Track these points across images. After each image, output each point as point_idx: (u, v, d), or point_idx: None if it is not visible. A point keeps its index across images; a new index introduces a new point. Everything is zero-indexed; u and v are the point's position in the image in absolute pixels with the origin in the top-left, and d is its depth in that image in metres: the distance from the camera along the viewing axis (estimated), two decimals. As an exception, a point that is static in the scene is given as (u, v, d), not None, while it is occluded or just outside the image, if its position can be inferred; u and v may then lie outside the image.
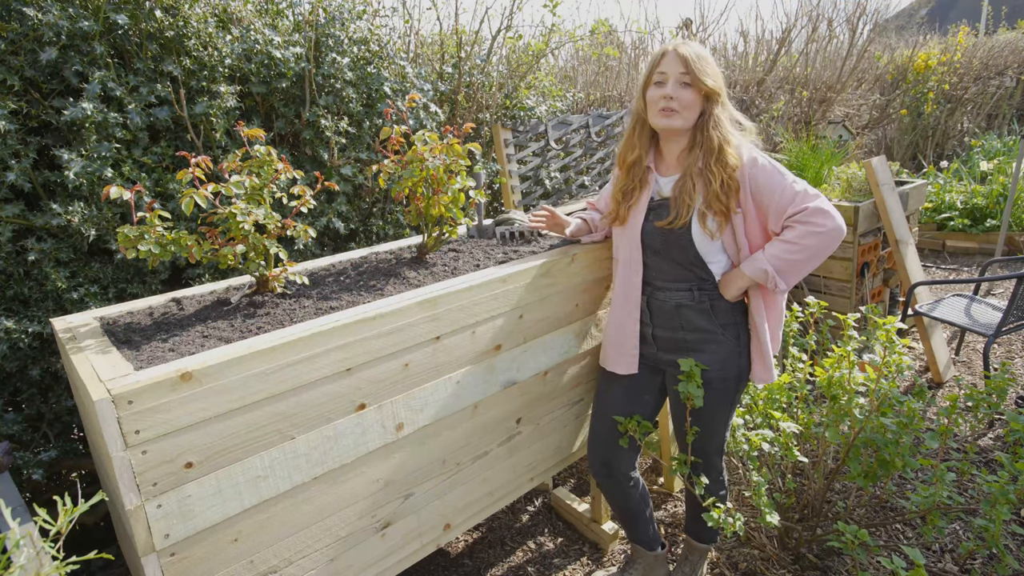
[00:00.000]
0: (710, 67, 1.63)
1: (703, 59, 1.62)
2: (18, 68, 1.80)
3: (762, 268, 1.62)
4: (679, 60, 1.61)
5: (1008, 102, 8.08)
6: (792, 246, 1.58)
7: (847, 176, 3.75)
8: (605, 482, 1.95)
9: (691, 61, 1.60)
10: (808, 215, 1.57)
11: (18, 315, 1.83)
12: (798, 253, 1.58)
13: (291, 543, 1.41)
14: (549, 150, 3.47)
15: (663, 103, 1.63)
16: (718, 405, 1.77)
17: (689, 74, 1.60)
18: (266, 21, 2.45)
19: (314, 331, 1.33)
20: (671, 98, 1.62)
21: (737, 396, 1.80)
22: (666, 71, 1.63)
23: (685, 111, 1.63)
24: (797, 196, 1.58)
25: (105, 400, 1.07)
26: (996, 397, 1.84)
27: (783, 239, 1.61)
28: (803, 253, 1.58)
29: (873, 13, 5.99)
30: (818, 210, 1.56)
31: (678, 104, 1.62)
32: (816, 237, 1.56)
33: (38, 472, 1.83)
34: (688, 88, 1.62)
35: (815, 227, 1.55)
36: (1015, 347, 3.69)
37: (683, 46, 1.63)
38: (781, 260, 1.60)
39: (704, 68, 1.61)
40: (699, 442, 1.83)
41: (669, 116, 1.64)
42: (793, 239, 1.58)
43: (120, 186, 1.36)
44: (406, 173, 1.73)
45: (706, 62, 1.62)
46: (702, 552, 2.06)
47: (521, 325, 1.76)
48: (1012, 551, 2.16)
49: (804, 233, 1.57)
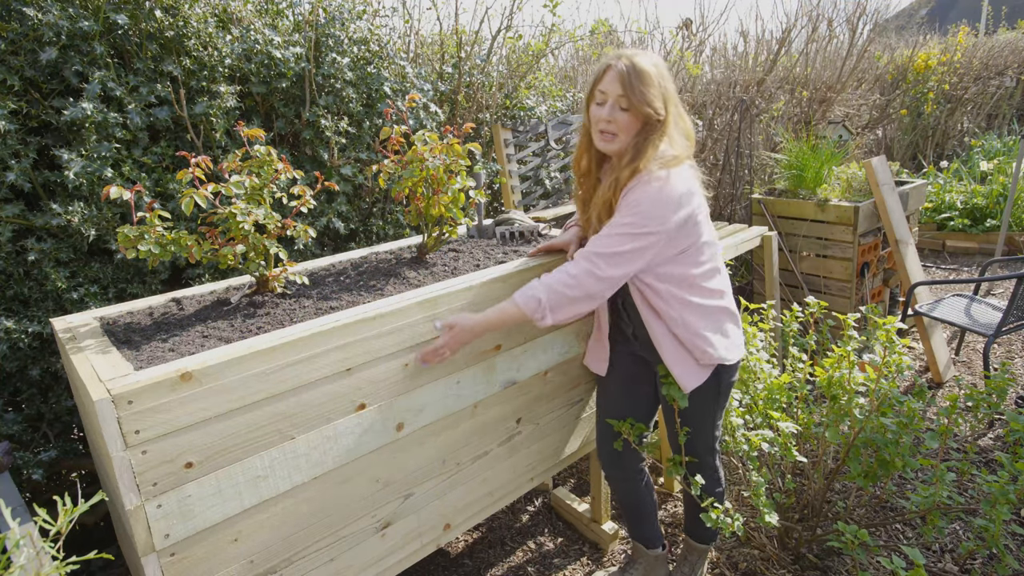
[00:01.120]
0: (652, 87, 1.53)
1: (643, 78, 1.52)
2: (18, 68, 1.80)
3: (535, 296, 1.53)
4: (618, 81, 1.53)
5: (1008, 102, 8.08)
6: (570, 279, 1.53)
7: (847, 176, 3.75)
8: (614, 474, 1.96)
9: (629, 84, 1.51)
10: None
11: (18, 315, 1.83)
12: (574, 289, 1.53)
13: (291, 543, 1.41)
14: (549, 150, 3.47)
15: (602, 125, 1.58)
16: (700, 403, 1.75)
17: (626, 98, 1.53)
18: (266, 21, 2.45)
19: (314, 331, 1.33)
20: (610, 121, 1.56)
21: (721, 393, 1.75)
22: (606, 91, 1.55)
23: (623, 134, 1.57)
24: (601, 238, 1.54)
25: (105, 400, 1.07)
26: (996, 397, 1.84)
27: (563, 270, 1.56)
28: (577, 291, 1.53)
29: (873, 13, 5.99)
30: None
31: (616, 127, 1.56)
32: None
33: (38, 472, 1.83)
34: (626, 112, 1.55)
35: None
36: (1015, 347, 3.69)
37: (622, 60, 1.54)
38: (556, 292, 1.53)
39: (644, 90, 1.52)
40: (689, 442, 1.83)
41: (609, 140, 1.59)
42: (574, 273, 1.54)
43: (120, 186, 1.36)
44: (406, 173, 1.73)
45: (646, 81, 1.52)
46: (701, 552, 2.06)
47: (521, 325, 1.76)
48: (1012, 551, 2.16)
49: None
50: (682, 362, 1.69)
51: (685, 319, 1.64)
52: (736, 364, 1.75)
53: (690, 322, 1.65)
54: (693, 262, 1.63)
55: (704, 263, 1.65)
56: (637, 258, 1.53)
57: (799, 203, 3.67)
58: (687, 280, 1.63)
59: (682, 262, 1.62)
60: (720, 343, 1.68)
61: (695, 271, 1.64)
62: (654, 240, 1.52)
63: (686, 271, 1.63)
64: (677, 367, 1.70)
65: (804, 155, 3.80)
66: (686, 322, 1.65)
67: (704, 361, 1.68)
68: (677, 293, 1.63)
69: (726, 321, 1.72)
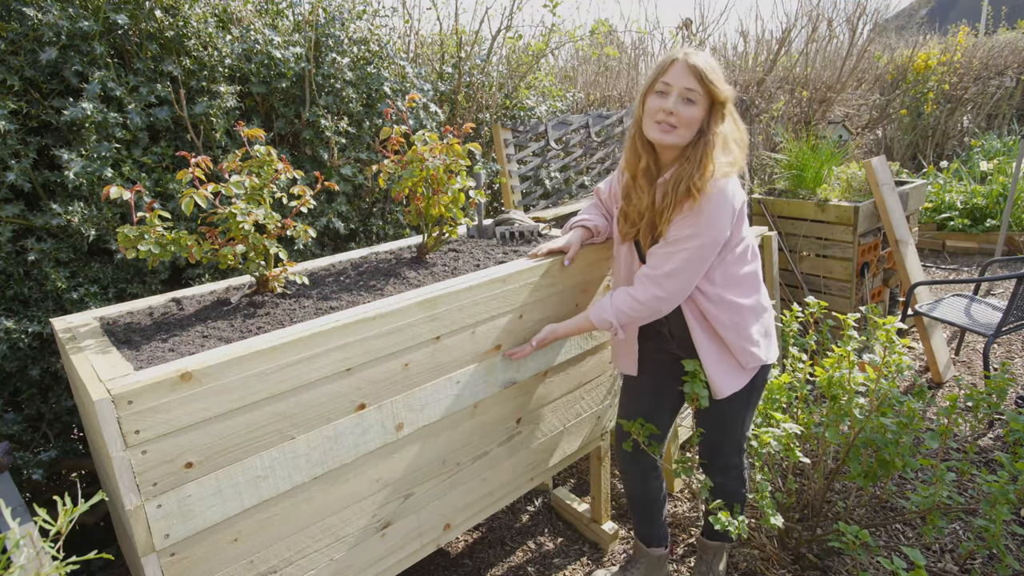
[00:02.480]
0: (721, 84, 1.53)
1: (716, 71, 1.51)
2: (18, 68, 1.80)
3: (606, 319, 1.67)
4: (689, 73, 1.49)
5: (1008, 102, 8.07)
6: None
7: (847, 176, 3.75)
8: (630, 469, 1.96)
9: (705, 73, 1.49)
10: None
11: (18, 315, 1.83)
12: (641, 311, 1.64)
13: (291, 543, 1.41)
14: (549, 150, 3.47)
15: (662, 116, 1.53)
16: (734, 403, 1.76)
17: (698, 90, 1.50)
18: (266, 21, 2.45)
19: (314, 331, 1.33)
20: (671, 113, 1.52)
21: (755, 391, 1.77)
22: (671, 83, 1.51)
23: (684, 129, 1.53)
24: (663, 256, 1.59)
25: (105, 400, 1.07)
26: (996, 397, 1.84)
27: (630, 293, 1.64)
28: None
29: (873, 13, 5.99)
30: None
31: (678, 120, 1.52)
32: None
33: (38, 472, 1.83)
34: (692, 105, 1.51)
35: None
36: (1015, 347, 3.69)
37: (695, 55, 1.51)
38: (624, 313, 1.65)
39: (717, 81, 1.51)
40: (716, 440, 1.84)
41: (667, 132, 1.54)
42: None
43: (120, 186, 1.36)
44: (406, 173, 1.73)
45: (718, 74, 1.52)
46: (715, 550, 2.05)
47: (521, 325, 1.76)
48: (1012, 551, 2.16)
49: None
50: (723, 366, 1.70)
51: (735, 322, 1.67)
52: (772, 363, 1.78)
53: (740, 325, 1.67)
54: (742, 262, 1.67)
55: (749, 262, 1.69)
56: (700, 270, 1.59)
57: (799, 203, 3.68)
58: (734, 280, 1.66)
59: (731, 263, 1.65)
60: (763, 344, 1.72)
61: (743, 270, 1.67)
62: (713, 249, 1.57)
63: (735, 271, 1.66)
64: (717, 371, 1.70)
65: (804, 155, 3.80)
66: (736, 325, 1.67)
67: (750, 365, 1.70)
68: (725, 295, 1.65)
69: (768, 318, 1.75)
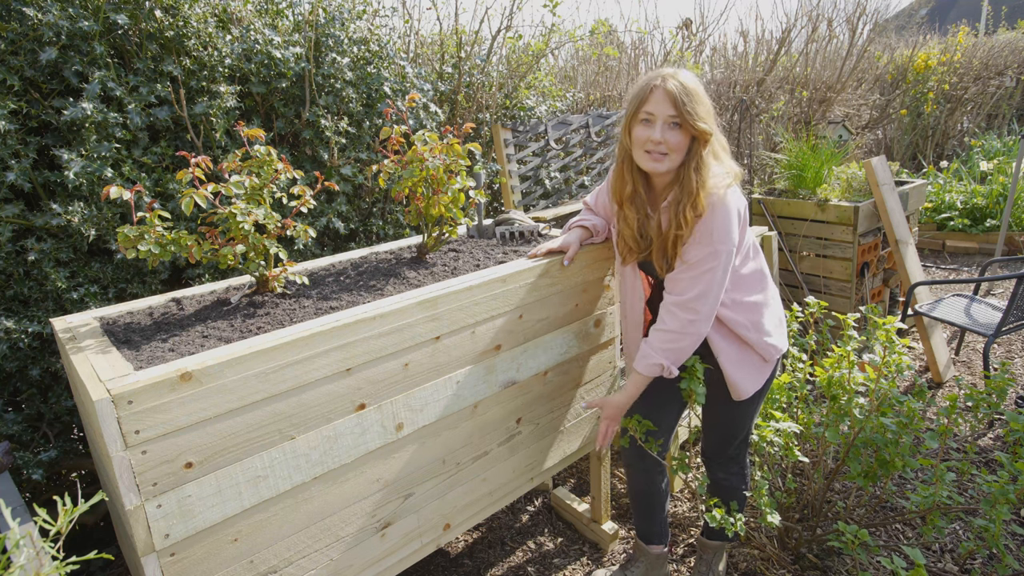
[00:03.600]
0: (701, 104, 1.53)
1: (693, 96, 1.52)
2: (18, 68, 1.80)
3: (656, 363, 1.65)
4: (668, 100, 1.51)
5: (1008, 102, 8.08)
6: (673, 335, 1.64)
7: (847, 176, 3.75)
8: (637, 464, 1.97)
9: (681, 103, 1.50)
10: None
11: (18, 315, 1.83)
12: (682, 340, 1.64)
13: (291, 543, 1.41)
14: (549, 150, 3.47)
15: (651, 146, 1.55)
16: (753, 396, 1.77)
17: (679, 116, 1.52)
18: (266, 21, 2.45)
19: (314, 331, 1.33)
20: (660, 143, 1.54)
21: (768, 383, 1.80)
22: (654, 112, 1.53)
23: (674, 153, 1.55)
24: (692, 280, 1.59)
25: (105, 400, 1.07)
26: (996, 397, 1.84)
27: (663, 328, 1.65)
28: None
29: (873, 13, 5.99)
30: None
31: (668, 147, 1.54)
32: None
33: (38, 472, 1.83)
34: (679, 128, 1.54)
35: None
36: (1015, 347, 3.69)
37: (671, 80, 1.52)
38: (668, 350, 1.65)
39: (695, 108, 1.51)
40: (724, 435, 1.85)
41: (658, 160, 1.56)
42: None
43: (120, 186, 1.36)
44: (406, 173, 1.73)
45: (697, 99, 1.52)
46: (715, 550, 2.06)
47: (521, 325, 1.76)
48: (1012, 551, 2.16)
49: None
50: (744, 367, 1.72)
51: (754, 320, 1.69)
52: (786, 350, 1.81)
53: (757, 321, 1.70)
54: (745, 261, 1.70)
55: (752, 259, 1.72)
56: (724, 283, 1.61)
57: (799, 203, 3.68)
58: (743, 281, 1.69)
59: (738, 266, 1.67)
60: (776, 333, 1.75)
61: (748, 270, 1.70)
62: (731, 260, 1.60)
63: (742, 272, 1.69)
64: (738, 374, 1.71)
65: (804, 155, 3.80)
66: (755, 323, 1.69)
67: (773, 357, 1.74)
68: (737, 298, 1.68)
69: (777, 307, 1.78)
